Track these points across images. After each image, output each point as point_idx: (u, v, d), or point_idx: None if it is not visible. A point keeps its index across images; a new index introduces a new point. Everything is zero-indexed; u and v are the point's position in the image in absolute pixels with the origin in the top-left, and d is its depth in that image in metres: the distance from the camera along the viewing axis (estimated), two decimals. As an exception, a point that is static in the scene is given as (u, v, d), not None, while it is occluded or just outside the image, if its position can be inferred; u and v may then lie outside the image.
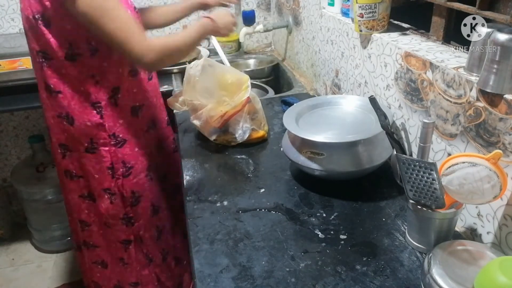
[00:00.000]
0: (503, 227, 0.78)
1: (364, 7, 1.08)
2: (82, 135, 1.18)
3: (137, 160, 1.24)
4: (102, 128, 1.17)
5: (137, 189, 1.26)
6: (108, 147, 1.19)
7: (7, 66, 1.79)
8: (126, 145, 1.21)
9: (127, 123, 1.20)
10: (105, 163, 1.20)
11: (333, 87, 1.47)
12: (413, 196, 0.81)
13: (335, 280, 0.78)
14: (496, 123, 0.75)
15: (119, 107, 1.18)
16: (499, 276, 0.58)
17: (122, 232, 1.30)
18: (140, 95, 1.23)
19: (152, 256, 1.37)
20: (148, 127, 1.28)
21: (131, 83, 1.19)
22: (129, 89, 1.19)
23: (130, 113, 1.21)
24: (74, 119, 1.16)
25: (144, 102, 1.24)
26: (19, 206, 2.31)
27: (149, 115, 1.27)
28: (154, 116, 1.30)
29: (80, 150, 1.20)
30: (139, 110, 1.23)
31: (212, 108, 1.24)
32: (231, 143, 1.27)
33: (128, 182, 1.24)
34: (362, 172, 1.02)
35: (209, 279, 0.80)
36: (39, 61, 1.12)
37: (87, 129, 1.16)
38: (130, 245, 1.32)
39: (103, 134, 1.17)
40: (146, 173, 1.27)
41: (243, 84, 1.25)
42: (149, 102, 1.27)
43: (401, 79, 1.04)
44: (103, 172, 1.21)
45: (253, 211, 0.98)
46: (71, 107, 1.14)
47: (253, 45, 2.28)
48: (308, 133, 1.01)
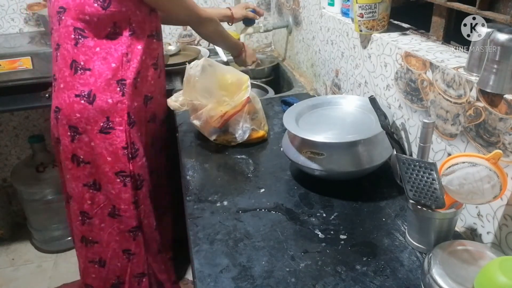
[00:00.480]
0: (503, 227, 0.78)
1: (364, 7, 1.08)
2: (100, 114, 1.22)
3: (141, 144, 1.30)
4: (122, 106, 1.23)
5: (141, 172, 1.31)
6: (123, 126, 1.24)
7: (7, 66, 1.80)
8: (135, 127, 1.27)
9: (139, 107, 1.28)
10: (120, 143, 1.24)
11: (333, 87, 1.47)
12: (413, 196, 0.81)
13: (335, 280, 0.78)
14: (496, 123, 0.75)
15: (138, 91, 1.27)
16: (499, 276, 0.58)
17: (133, 218, 1.31)
18: (153, 88, 1.32)
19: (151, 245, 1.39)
20: (150, 119, 1.35)
21: (151, 74, 1.30)
22: (147, 78, 1.29)
23: (142, 100, 1.29)
24: (96, 97, 1.21)
25: (153, 95, 1.33)
26: (19, 206, 2.30)
27: (153, 108, 1.35)
28: (156, 111, 1.38)
29: (94, 130, 1.22)
30: (148, 101, 1.32)
31: (212, 108, 1.24)
32: (231, 143, 1.27)
33: (135, 164, 1.28)
34: (362, 172, 1.02)
35: (209, 279, 0.80)
36: (75, 37, 1.18)
37: (106, 107, 1.22)
38: (140, 231, 1.33)
39: (121, 112, 1.23)
40: (145, 158, 1.32)
41: (243, 84, 1.25)
42: (156, 96, 1.35)
43: (401, 79, 1.04)
44: (117, 153, 1.24)
45: (253, 211, 0.98)
46: (97, 84, 1.20)
47: (253, 45, 2.28)
48: (308, 133, 1.01)
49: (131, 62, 1.23)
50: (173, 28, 2.16)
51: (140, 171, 1.30)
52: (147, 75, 1.29)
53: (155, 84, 1.34)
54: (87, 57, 1.20)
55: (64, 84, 1.22)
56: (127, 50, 1.21)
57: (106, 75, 1.21)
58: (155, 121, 1.39)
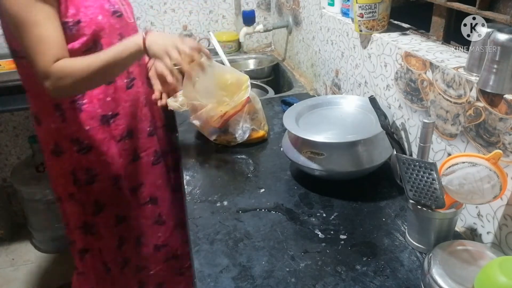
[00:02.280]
0: (503, 227, 0.78)
1: (364, 7, 1.08)
2: (48, 137, 1.15)
3: (103, 169, 1.19)
4: (64, 133, 1.13)
5: (102, 198, 1.21)
6: (71, 153, 1.15)
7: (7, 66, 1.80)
8: (91, 152, 1.16)
9: (94, 130, 1.14)
10: (68, 168, 1.16)
11: (333, 87, 1.47)
12: (413, 196, 0.81)
13: (335, 280, 0.78)
14: (496, 123, 0.75)
15: (85, 113, 1.12)
16: (499, 276, 0.58)
17: (80, 241, 1.26)
18: (114, 104, 1.16)
19: (111, 266, 1.32)
20: (122, 137, 1.20)
21: (103, 91, 1.12)
22: (100, 97, 1.12)
23: (99, 121, 1.14)
24: (40, 120, 1.14)
25: (118, 111, 1.17)
26: (19, 206, 2.31)
27: (125, 125, 1.20)
28: (132, 126, 1.22)
29: (47, 151, 1.17)
30: (111, 119, 1.16)
31: (212, 108, 1.24)
32: (231, 143, 1.27)
33: (91, 190, 1.19)
34: (362, 172, 1.02)
35: (209, 279, 0.80)
36: (13, 59, 1.11)
37: (51, 131, 1.14)
38: (87, 254, 1.28)
39: (65, 139, 1.14)
40: (113, 182, 1.21)
41: (243, 84, 1.25)
42: (126, 112, 1.19)
43: (401, 79, 1.04)
44: (67, 177, 1.17)
45: (253, 211, 0.98)
46: (37, 107, 1.13)
47: (253, 45, 2.28)
48: (308, 133, 1.01)
49: None
50: (173, 28, 2.17)
51: (100, 197, 1.21)
52: (95, 94, 1.11)
53: (118, 100, 1.16)
54: (24, 77, 1.11)
55: None
56: None
57: (42, 98, 1.10)
58: (132, 138, 1.23)
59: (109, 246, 1.29)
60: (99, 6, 1.05)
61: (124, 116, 1.19)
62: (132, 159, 1.25)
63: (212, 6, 2.19)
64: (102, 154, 1.17)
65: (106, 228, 1.26)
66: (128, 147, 1.23)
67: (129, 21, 1.15)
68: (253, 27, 1.87)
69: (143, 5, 2.08)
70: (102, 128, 1.15)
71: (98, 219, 1.23)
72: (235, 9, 2.20)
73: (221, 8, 2.20)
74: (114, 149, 1.19)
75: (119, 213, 1.27)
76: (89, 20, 1.02)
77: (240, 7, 2.18)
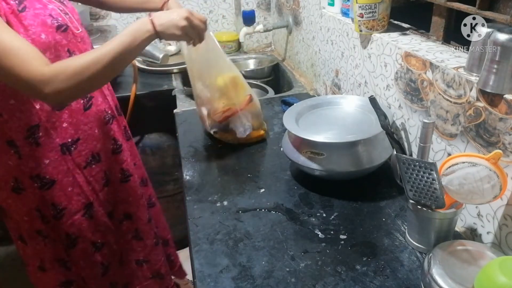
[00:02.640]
0: (503, 227, 0.78)
1: (364, 7, 1.08)
2: (7, 174, 1.04)
3: (71, 201, 1.09)
4: (23, 170, 1.02)
5: (72, 231, 1.12)
6: (32, 190, 1.05)
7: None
8: (55, 186, 1.06)
9: (55, 162, 1.04)
10: (32, 205, 1.07)
11: (333, 87, 1.47)
12: (413, 196, 0.81)
13: (335, 280, 0.78)
14: (496, 123, 0.75)
15: (43, 146, 1.02)
16: (499, 276, 0.58)
17: (61, 275, 1.18)
18: (72, 129, 1.05)
19: None
20: (87, 163, 1.10)
21: (58, 118, 1.02)
22: (55, 125, 1.02)
23: (59, 152, 1.04)
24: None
25: (79, 136, 1.07)
26: (19, 206, 2.30)
27: (89, 149, 1.10)
28: (97, 149, 1.12)
29: (7, 188, 1.05)
30: (72, 146, 1.06)
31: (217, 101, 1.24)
32: (231, 141, 1.27)
33: (61, 225, 1.10)
34: (362, 172, 1.02)
35: (209, 279, 0.80)
36: None
37: (9, 169, 1.03)
38: (72, 286, 1.21)
39: (24, 177, 1.03)
40: (83, 212, 1.12)
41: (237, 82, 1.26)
42: (87, 134, 1.09)
43: (401, 79, 1.04)
44: (32, 214, 1.08)
45: (253, 211, 0.98)
46: None
47: (253, 45, 2.28)
48: (308, 133, 1.01)
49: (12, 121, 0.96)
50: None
51: (71, 230, 1.12)
52: (51, 124, 1.01)
53: (76, 124, 1.06)
54: None
55: None
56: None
57: None
58: (99, 160, 1.13)
59: (93, 275, 1.22)
60: (41, 23, 0.93)
61: (86, 140, 1.08)
62: (104, 183, 1.16)
63: (212, 6, 2.19)
64: (67, 186, 1.08)
65: (85, 259, 1.18)
66: (97, 172, 1.13)
67: (77, 32, 1.04)
68: (253, 27, 1.87)
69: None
70: (63, 159, 1.05)
71: (74, 251, 1.15)
72: (235, 9, 2.20)
73: (221, 8, 2.20)
74: (80, 177, 1.10)
75: (96, 240, 1.18)
76: (31, 41, 0.89)
77: (240, 7, 2.18)
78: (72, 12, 1.06)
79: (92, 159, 1.12)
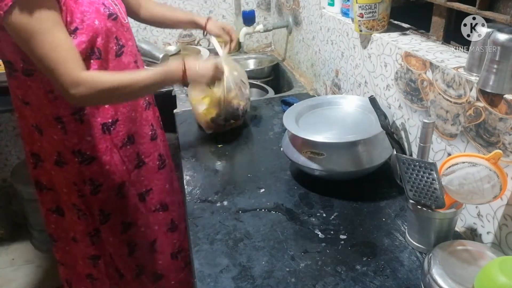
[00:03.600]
0: (503, 227, 0.78)
1: (364, 7, 1.08)
2: (51, 148, 1.12)
3: (108, 178, 1.17)
4: (66, 145, 1.10)
5: (106, 207, 1.20)
6: (73, 164, 1.12)
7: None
8: (94, 163, 1.13)
9: (96, 140, 1.12)
10: (71, 179, 1.14)
11: (333, 87, 1.47)
12: (413, 196, 0.81)
13: (335, 280, 0.78)
14: (496, 123, 0.75)
15: (86, 124, 1.10)
16: (499, 276, 0.58)
17: (91, 248, 1.24)
18: (113, 111, 1.13)
19: (124, 272, 1.31)
20: (123, 143, 1.17)
21: None
22: (98, 105, 1.10)
23: (100, 130, 1.12)
24: (43, 131, 1.11)
25: (118, 117, 1.14)
26: (19, 206, 2.30)
27: (125, 131, 1.17)
28: (132, 131, 1.19)
29: (51, 161, 1.14)
30: (111, 127, 1.13)
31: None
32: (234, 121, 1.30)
33: (96, 200, 1.17)
34: (362, 172, 1.02)
35: (209, 279, 0.80)
36: (7, 71, 1.07)
37: (54, 143, 1.11)
38: (100, 260, 1.26)
39: (67, 151, 1.11)
40: (117, 191, 1.20)
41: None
42: (125, 117, 1.16)
43: (401, 79, 1.04)
44: (70, 187, 1.15)
45: (253, 211, 0.98)
46: (38, 119, 1.09)
47: (253, 45, 2.28)
48: (308, 133, 1.01)
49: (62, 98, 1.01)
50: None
51: (105, 207, 1.19)
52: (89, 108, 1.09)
53: (116, 106, 1.13)
54: (22, 91, 1.07)
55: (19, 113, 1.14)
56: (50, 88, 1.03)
57: (43, 111, 1.08)
58: (134, 143, 1.20)
59: (120, 253, 1.27)
60: (95, 10, 1.02)
61: (124, 122, 1.16)
62: (136, 165, 1.23)
63: (212, 6, 2.19)
64: (105, 164, 1.15)
65: (114, 236, 1.24)
66: (130, 153, 1.20)
67: (124, 22, 1.13)
68: (253, 27, 1.87)
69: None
70: (103, 137, 1.13)
71: (105, 227, 1.22)
72: (235, 9, 2.20)
73: (221, 8, 2.20)
74: (117, 157, 1.17)
75: (126, 220, 1.25)
76: (86, 26, 0.99)
77: (240, 7, 2.18)
78: (120, 4, 1.15)
79: (128, 141, 1.19)
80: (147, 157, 1.25)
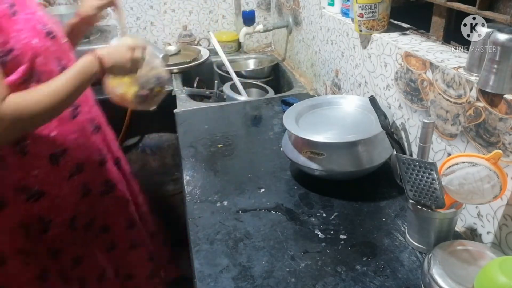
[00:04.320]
0: (503, 227, 0.78)
1: (364, 7, 1.08)
2: None
3: (58, 213, 1.05)
4: (8, 181, 0.96)
5: (57, 245, 1.08)
6: (18, 204, 0.98)
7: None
8: (44, 198, 1.01)
9: (44, 173, 0.99)
10: (15, 220, 0.99)
11: (333, 87, 1.47)
12: (413, 196, 0.81)
13: (335, 280, 0.78)
14: (496, 123, 0.75)
15: (31, 156, 0.96)
16: (499, 276, 0.58)
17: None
18: (61, 139, 1.01)
19: None
20: (71, 174, 1.06)
21: (47, 127, 0.97)
22: (44, 134, 0.97)
23: (48, 162, 1.00)
24: None
25: (66, 146, 1.02)
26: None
27: (74, 160, 1.06)
28: (82, 159, 1.08)
29: None
30: (60, 157, 1.01)
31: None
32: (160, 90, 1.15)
33: (45, 239, 1.05)
34: (362, 172, 1.02)
35: (209, 279, 0.80)
36: None
37: None
38: None
39: (9, 189, 0.96)
40: (68, 225, 1.09)
41: None
42: (75, 144, 1.05)
43: (401, 79, 1.04)
44: (13, 231, 1.00)
45: (253, 211, 0.98)
46: None
47: (253, 45, 2.28)
48: (308, 133, 1.01)
49: None
50: (173, 28, 2.17)
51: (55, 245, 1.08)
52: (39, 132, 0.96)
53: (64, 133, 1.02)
54: None
55: None
56: None
57: None
58: (82, 172, 1.08)
59: None
60: (31, 28, 0.90)
61: (73, 150, 1.04)
62: (81, 196, 1.11)
63: (212, 6, 2.19)
64: (54, 197, 1.03)
65: (63, 274, 1.13)
66: (77, 184, 1.09)
67: (62, 42, 1.02)
68: (253, 27, 1.87)
69: (143, 5, 2.07)
70: (52, 169, 1.01)
71: (53, 265, 1.09)
72: (235, 9, 2.20)
73: (221, 8, 2.20)
74: (65, 189, 1.05)
75: (76, 254, 1.14)
76: (23, 46, 0.87)
77: (240, 7, 2.18)
78: (55, 23, 1.03)
79: (75, 170, 1.07)
80: (92, 185, 1.14)
